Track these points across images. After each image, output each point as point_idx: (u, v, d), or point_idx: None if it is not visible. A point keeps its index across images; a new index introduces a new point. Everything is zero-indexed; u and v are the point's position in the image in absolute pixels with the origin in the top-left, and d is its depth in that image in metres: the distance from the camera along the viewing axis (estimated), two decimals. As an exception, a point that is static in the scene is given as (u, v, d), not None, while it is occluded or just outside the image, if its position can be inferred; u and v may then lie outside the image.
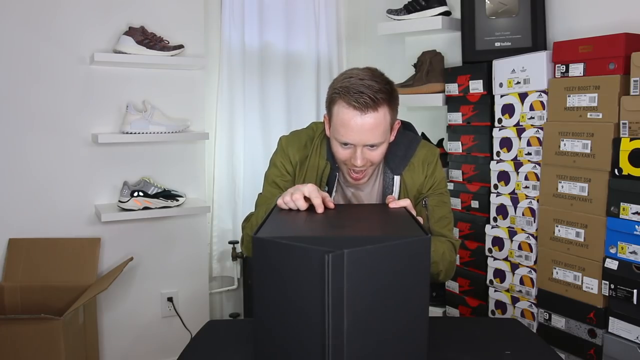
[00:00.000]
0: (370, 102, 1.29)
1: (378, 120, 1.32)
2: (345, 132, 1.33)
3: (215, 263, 2.67)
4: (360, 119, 1.30)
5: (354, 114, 1.31)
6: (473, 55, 2.24)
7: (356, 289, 0.92)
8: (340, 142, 1.36)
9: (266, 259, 1.01)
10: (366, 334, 0.96)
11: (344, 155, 1.38)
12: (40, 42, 2.15)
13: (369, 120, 1.31)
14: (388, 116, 1.34)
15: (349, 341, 0.93)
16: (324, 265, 0.89)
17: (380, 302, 0.98)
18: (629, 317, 1.67)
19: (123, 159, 2.32)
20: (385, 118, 1.33)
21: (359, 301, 0.94)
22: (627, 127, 1.67)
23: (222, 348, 1.26)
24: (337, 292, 0.91)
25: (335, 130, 1.36)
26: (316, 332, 0.93)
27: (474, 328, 1.38)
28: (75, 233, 2.24)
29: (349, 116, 1.31)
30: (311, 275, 0.92)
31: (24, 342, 1.77)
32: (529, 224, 1.98)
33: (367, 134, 1.32)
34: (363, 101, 1.29)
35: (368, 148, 1.35)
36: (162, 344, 2.42)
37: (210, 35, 2.56)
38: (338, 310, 0.91)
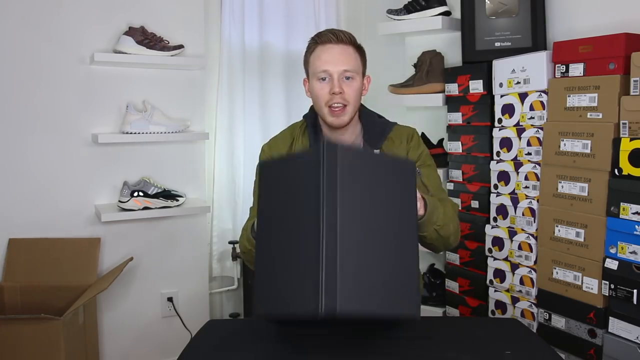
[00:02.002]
0: (342, 36, 1.51)
1: (349, 52, 1.52)
2: (323, 61, 1.50)
3: (215, 263, 2.67)
4: (333, 48, 1.51)
5: (329, 46, 1.51)
6: (473, 55, 2.24)
7: (349, 185, 1.03)
8: (318, 76, 1.51)
9: (271, 174, 1.17)
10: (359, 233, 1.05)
11: (323, 91, 1.51)
12: (40, 42, 2.15)
13: (341, 49, 1.51)
14: (358, 55, 1.54)
15: (342, 235, 1.01)
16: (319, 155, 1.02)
17: (371, 208, 1.08)
18: (629, 317, 1.67)
19: (123, 159, 2.32)
20: (354, 54, 1.53)
21: (351, 197, 1.04)
22: (627, 127, 1.67)
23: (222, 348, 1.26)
24: (330, 183, 1.01)
25: (315, 66, 1.52)
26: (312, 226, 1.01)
27: (473, 328, 1.38)
28: (75, 233, 2.24)
29: (326, 48, 1.51)
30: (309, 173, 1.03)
31: (24, 342, 1.77)
32: (529, 224, 1.98)
33: (341, 59, 1.50)
34: (335, 36, 1.51)
35: (344, 80, 1.50)
36: (162, 344, 2.42)
37: (210, 35, 2.56)
38: (332, 203, 1.01)
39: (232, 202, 2.67)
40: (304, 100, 2.81)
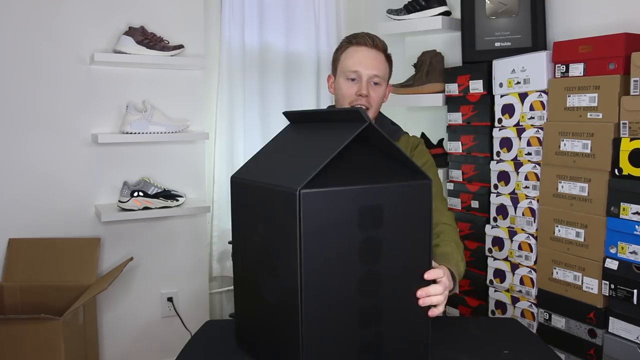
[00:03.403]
0: (378, 43, 1.54)
1: (381, 59, 1.54)
2: (355, 61, 1.52)
3: (215, 263, 2.67)
4: (368, 51, 1.53)
5: (364, 48, 1.53)
6: (473, 55, 2.24)
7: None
8: (348, 75, 1.53)
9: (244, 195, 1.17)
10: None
11: (350, 90, 1.53)
12: (40, 42, 2.16)
13: (375, 54, 1.54)
14: (387, 64, 1.56)
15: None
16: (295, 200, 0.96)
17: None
18: (629, 317, 1.67)
19: (123, 159, 2.32)
20: (384, 62, 1.55)
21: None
22: (627, 127, 1.67)
23: (221, 348, 1.26)
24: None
25: (345, 66, 1.54)
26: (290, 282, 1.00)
27: (472, 328, 1.38)
28: (75, 233, 2.24)
29: (361, 49, 1.53)
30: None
31: (24, 342, 1.77)
32: (529, 224, 1.98)
33: (374, 63, 1.52)
34: (372, 41, 1.53)
35: (371, 85, 1.53)
36: (162, 344, 2.42)
37: (210, 35, 2.56)
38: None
39: (232, 202, 2.67)
40: (304, 100, 2.84)
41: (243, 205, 1.15)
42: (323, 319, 1.00)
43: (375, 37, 1.55)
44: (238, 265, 1.21)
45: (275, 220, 1.03)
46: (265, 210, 1.06)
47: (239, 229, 1.18)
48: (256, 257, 1.11)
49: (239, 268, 1.21)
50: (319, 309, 0.99)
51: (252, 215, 1.11)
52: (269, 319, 1.08)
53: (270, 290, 1.06)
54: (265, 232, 1.07)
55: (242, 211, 1.16)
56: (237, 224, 1.18)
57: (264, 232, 1.07)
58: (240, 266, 1.20)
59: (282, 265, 1.01)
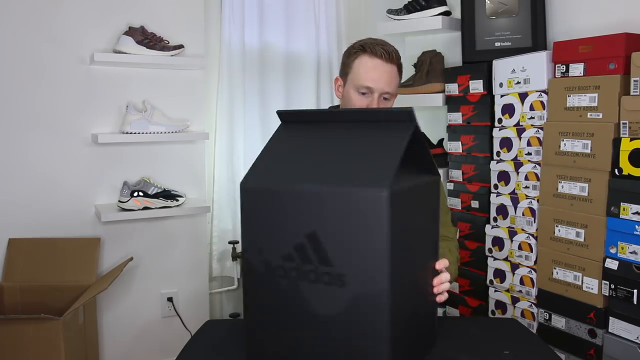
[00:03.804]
0: (393, 55, 1.48)
1: (394, 73, 1.50)
2: (368, 77, 1.47)
3: (215, 263, 2.67)
4: (383, 66, 1.47)
5: (379, 62, 1.47)
6: (473, 55, 2.24)
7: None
8: (360, 90, 1.48)
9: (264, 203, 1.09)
10: None
11: (359, 102, 1.49)
12: (40, 42, 2.15)
13: (390, 69, 1.48)
14: (398, 79, 1.53)
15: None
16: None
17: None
18: (629, 317, 1.67)
19: (123, 159, 2.32)
20: (397, 77, 1.52)
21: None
22: (627, 127, 1.67)
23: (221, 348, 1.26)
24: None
25: (357, 77, 1.49)
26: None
27: (472, 328, 1.38)
28: (75, 233, 2.24)
29: (375, 63, 1.47)
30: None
31: (24, 342, 1.77)
32: (529, 224, 1.98)
33: (387, 79, 1.48)
34: (387, 53, 1.47)
35: (382, 99, 1.50)
36: (162, 344, 2.42)
37: (210, 35, 2.56)
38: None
39: (232, 202, 2.67)
40: (304, 100, 2.83)
41: (266, 215, 1.04)
42: (403, 318, 1.02)
43: (391, 49, 1.49)
44: (259, 281, 1.07)
45: (337, 225, 0.97)
46: (313, 217, 0.99)
47: (262, 241, 1.05)
48: (295, 268, 1.02)
49: (260, 284, 1.07)
50: (400, 309, 1.00)
51: (285, 224, 1.02)
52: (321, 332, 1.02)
53: (328, 301, 0.99)
54: (311, 241, 0.99)
55: (264, 222, 1.04)
56: (258, 235, 1.06)
57: (310, 240, 0.99)
58: (264, 282, 1.07)
59: (353, 272, 0.97)
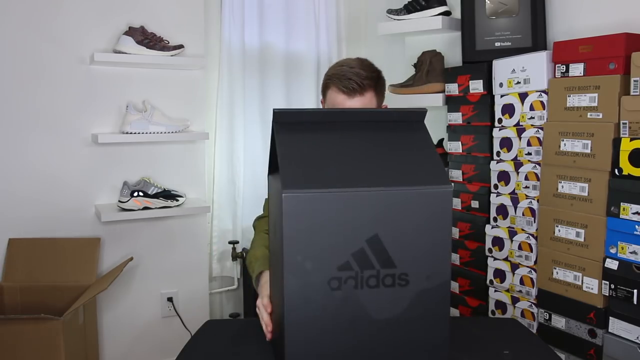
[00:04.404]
0: (357, 87, 1.44)
1: (364, 103, 1.46)
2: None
3: (215, 263, 2.67)
4: (350, 101, 1.46)
5: (343, 98, 1.46)
6: (473, 55, 2.24)
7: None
8: None
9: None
10: None
11: None
12: (40, 42, 2.16)
13: (356, 103, 1.46)
14: (374, 100, 1.49)
15: None
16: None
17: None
18: (629, 317, 1.67)
19: (123, 159, 2.32)
20: (371, 101, 1.48)
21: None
22: (627, 127, 1.67)
23: (221, 348, 1.26)
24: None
25: (332, 106, 1.49)
26: None
27: (472, 328, 1.38)
28: (75, 233, 2.24)
29: (340, 100, 1.46)
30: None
31: (24, 342, 1.77)
32: (529, 224, 1.98)
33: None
34: (351, 87, 1.44)
35: None
36: (162, 344, 2.42)
37: (210, 35, 2.56)
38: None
39: (232, 202, 2.67)
40: (304, 100, 2.83)
41: (318, 225, 0.95)
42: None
43: (355, 76, 1.43)
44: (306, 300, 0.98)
45: (400, 225, 0.97)
46: (375, 220, 0.96)
47: (313, 255, 0.96)
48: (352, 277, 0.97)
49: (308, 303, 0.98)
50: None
51: (341, 232, 0.96)
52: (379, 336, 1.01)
53: (389, 303, 0.99)
54: (372, 245, 0.97)
55: (315, 233, 0.96)
56: (308, 249, 0.96)
57: (371, 245, 0.97)
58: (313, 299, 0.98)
59: (416, 270, 0.98)
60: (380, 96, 1.52)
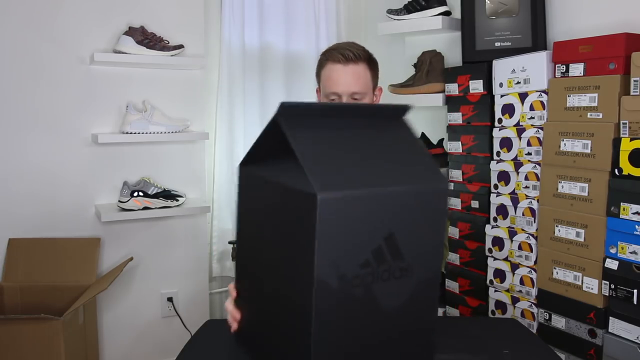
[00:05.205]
0: (352, 55, 1.48)
1: (359, 72, 1.49)
2: (332, 83, 1.49)
3: (215, 263, 2.67)
4: (343, 69, 1.48)
5: (339, 67, 1.49)
6: (473, 55, 2.24)
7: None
8: (329, 96, 1.50)
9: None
10: None
11: None
12: (40, 42, 2.16)
13: (352, 69, 1.48)
14: (368, 73, 1.52)
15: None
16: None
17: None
18: (629, 317, 1.67)
19: (123, 159, 2.32)
20: (365, 73, 1.51)
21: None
22: (627, 127, 1.67)
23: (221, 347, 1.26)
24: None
25: (325, 86, 1.51)
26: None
27: (472, 328, 1.38)
28: (75, 233, 2.24)
29: (335, 68, 1.49)
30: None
31: (24, 342, 1.77)
32: (529, 224, 1.98)
33: (351, 81, 1.48)
34: (346, 55, 1.48)
35: (353, 100, 1.49)
36: (162, 344, 2.42)
37: (210, 35, 2.56)
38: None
39: (232, 202, 2.65)
40: (304, 100, 2.83)
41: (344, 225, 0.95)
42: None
43: (349, 49, 1.48)
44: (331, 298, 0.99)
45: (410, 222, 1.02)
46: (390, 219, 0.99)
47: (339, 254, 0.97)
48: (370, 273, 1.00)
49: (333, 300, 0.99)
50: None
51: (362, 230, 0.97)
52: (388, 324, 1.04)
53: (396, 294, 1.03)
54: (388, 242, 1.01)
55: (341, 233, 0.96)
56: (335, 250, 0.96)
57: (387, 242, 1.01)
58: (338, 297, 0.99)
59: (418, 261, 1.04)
60: (373, 72, 1.55)
